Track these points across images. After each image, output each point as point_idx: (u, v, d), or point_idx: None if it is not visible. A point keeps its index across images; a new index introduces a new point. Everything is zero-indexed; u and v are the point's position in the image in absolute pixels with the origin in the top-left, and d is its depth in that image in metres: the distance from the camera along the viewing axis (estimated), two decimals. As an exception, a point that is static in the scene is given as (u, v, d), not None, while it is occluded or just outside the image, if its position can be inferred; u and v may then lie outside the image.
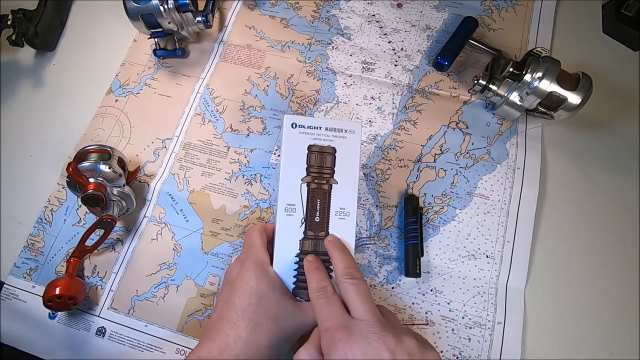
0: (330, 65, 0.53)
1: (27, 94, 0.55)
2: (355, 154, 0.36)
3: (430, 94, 0.51)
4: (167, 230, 0.47)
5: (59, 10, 0.59)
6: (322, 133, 0.36)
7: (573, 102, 0.43)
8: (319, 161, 0.36)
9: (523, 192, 0.46)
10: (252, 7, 0.57)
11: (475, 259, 0.43)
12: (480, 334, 0.41)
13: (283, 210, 0.36)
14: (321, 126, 0.36)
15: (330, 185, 0.36)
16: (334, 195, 0.36)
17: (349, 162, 0.36)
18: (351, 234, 0.36)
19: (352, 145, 0.36)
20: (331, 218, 0.36)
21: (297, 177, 0.36)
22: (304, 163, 0.36)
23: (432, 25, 0.54)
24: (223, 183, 0.48)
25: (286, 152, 0.36)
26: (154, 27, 0.49)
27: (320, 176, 0.36)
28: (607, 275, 0.43)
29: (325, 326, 0.31)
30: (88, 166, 0.42)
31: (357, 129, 0.37)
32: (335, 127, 0.36)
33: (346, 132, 0.36)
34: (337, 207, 0.36)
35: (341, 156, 0.36)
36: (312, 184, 0.36)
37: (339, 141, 0.36)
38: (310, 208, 0.36)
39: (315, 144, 0.36)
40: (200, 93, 0.53)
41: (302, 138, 0.36)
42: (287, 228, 0.36)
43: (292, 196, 0.36)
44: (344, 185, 0.36)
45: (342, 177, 0.36)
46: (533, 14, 0.54)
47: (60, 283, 0.41)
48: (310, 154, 0.36)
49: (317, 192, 0.36)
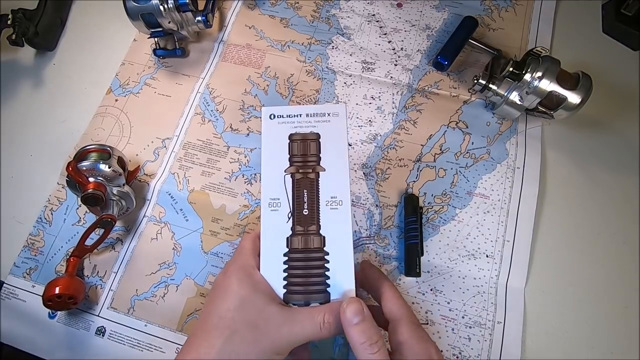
0: (330, 65, 0.53)
1: (27, 93, 0.55)
2: (342, 137, 0.33)
3: (430, 93, 0.51)
4: (166, 229, 0.47)
5: (59, 10, 0.59)
6: (304, 120, 0.33)
7: (573, 101, 0.43)
8: (302, 149, 0.33)
9: (523, 192, 0.45)
10: (252, 6, 0.57)
11: (475, 258, 0.43)
12: (480, 333, 0.41)
13: (267, 206, 0.32)
14: (301, 113, 0.33)
15: (317, 173, 0.32)
16: (322, 184, 0.32)
17: (336, 147, 0.33)
18: (346, 224, 0.31)
19: (337, 128, 0.33)
20: (321, 209, 0.32)
21: (279, 169, 0.33)
22: (286, 154, 0.33)
23: (432, 25, 0.54)
24: (223, 182, 0.48)
25: (266, 146, 0.33)
26: (154, 26, 0.49)
27: (305, 165, 0.32)
28: (607, 275, 0.43)
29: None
30: (88, 165, 0.42)
31: (340, 111, 0.33)
32: (317, 112, 0.33)
33: (329, 115, 0.33)
34: (327, 196, 0.32)
35: (326, 141, 0.33)
36: (296, 175, 0.32)
37: (322, 126, 0.33)
38: (297, 200, 0.32)
39: (296, 132, 0.33)
40: (200, 92, 0.53)
41: (282, 128, 0.33)
42: (272, 225, 0.32)
43: (276, 190, 0.32)
44: (333, 172, 0.32)
45: (330, 163, 0.32)
46: (533, 14, 0.54)
47: (60, 282, 0.41)
48: (292, 143, 0.33)
49: (303, 183, 0.32)
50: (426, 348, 0.29)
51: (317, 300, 0.31)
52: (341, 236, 0.31)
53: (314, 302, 0.31)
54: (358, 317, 0.28)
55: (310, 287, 0.31)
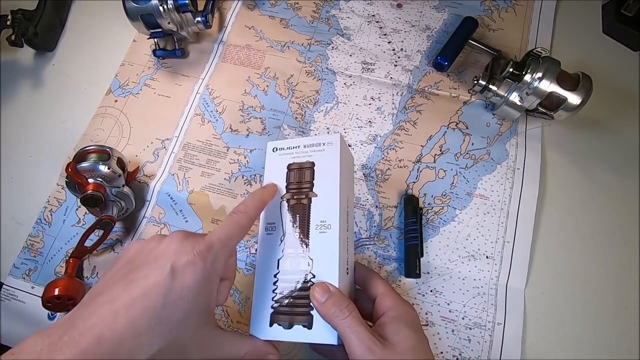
0: (330, 66, 0.53)
1: (26, 94, 0.55)
2: (334, 165, 0.34)
3: (430, 94, 0.51)
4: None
5: (59, 10, 0.59)
6: (301, 151, 0.36)
7: (573, 102, 0.43)
8: (298, 177, 0.35)
9: (523, 193, 0.45)
10: (252, 7, 0.57)
11: (475, 259, 0.43)
12: (480, 334, 0.41)
13: (264, 230, 0.34)
14: (299, 145, 0.36)
15: (310, 199, 0.34)
16: (313, 209, 0.33)
17: (328, 174, 0.34)
18: (334, 248, 0.32)
19: (331, 156, 0.35)
20: (311, 233, 0.33)
21: (277, 196, 0.35)
22: (284, 182, 0.35)
23: (431, 25, 0.54)
24: (222, 183, 0.48)
25: (268, 176, 0.36)
26: (154, 27, 0.49)
27: (299, 191, 0.34)
28: (607, 275, 0.43)
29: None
30: (87, 166, 0.42)
31: (335, 140, 0.35)
32: (313, 143, 0.36)
33: (324, 145, 0.35)
34: (317, 220, 0.33)
35: (320, 168, 0.35)
36: (291, 200, 0.34)
37: (317, 155, 0.35)
38: (291, 224, 0.34)
39: (294, 162, 0.35)
40: (199, 93, 0.53)
41: (282, 159, 0.36)
42: (267, 248, 0.34)
43: (272, 215, 0.34)
44: (324, 197, 0.34)
45: (322, 189, 0.34)
46: (533, 14, 0.54)
47: (60, 284, 0.41)
48: (289, 172, 0.35)
49: (296, 208, 0.34)
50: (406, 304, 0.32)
51: (301, 322, 0.31)
52: (328, 259, 0.32)
53: (297, 323, 0.31)
54: (325, 295, 0.29)
55: (295, 309, 0.31)
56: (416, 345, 0.29)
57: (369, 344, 0.28)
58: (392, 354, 0.28)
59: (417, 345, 0.29)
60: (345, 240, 0.33)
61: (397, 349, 0.28)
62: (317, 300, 0.29)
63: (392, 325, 0.30)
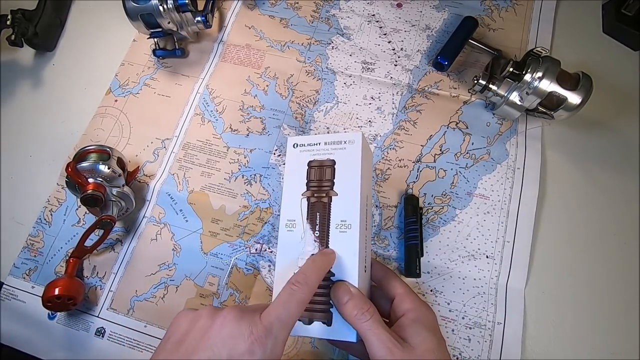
0: (330, 65, 0.53)
1: (26, 94, 0.55)
2: (355, 164, 0.34)
3: (430, 94, 0.51)
4: (166, 230, 0.46)
5: (59, 10, 0.59)
6: (322, 148, 0.35)
7: (573, 102, 0.42)
8: (318, 175, 0.35)
9: (523, 192, 0.45)
10: (252, 7, 0.57)
11: (475, 259, 0.43)
12: (480, 334, 0.41)
13: (284, 226, 0.34)
14: (320, 142, 0.36)
15: (330, 197, 0.34)
16: (334, 208, 0.34)
17: (349, 173, 0.34)
18: (354, 248, 0.32)
19: (352, 155, 0.34)
20: (331, 232, 0.33)
21: (298, 193, 0.35)
22: (304, 179, 0.35)
23: (432, 25, 0.54)
24: (222, 183, 0.48)
25: (288, 172, 0.36)
26: (154, 27, 0.49)
27: (319, 190, 0.34)
28: (607, 275, 0.43)
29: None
30: (87, 166, 0.42)
31: (357, 139, 0.35)
32: (335, 140, 0.35)
33: (345, 143, 0.35)
34: (337, 219, 0.33)
35: (341, 167, 0.35)
36: (311, 198, 0.34)
37: (338, 153, 0.35)
38: (310, 222, 0.34)
39: (314, 159, 0.35)
40: (199, 93, 0.53)
41: (303, 156, 0.36)
42: (287, 244, 0.34)
43: (293, 212, 0.34)
44: (345, 197, 0.34)
45: (343, 188, 0.34)
46: (533, 14, 0.54)
47: (60, 283, 0.41)
48: (310, 169, 0.35)
49: (317, 206, 0.34)
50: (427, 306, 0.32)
51: (320, 319, 0.31)
52: (348, 258, 0.32)
53: (317, 320, 0.31)
54: (347, 297, 0.30)
55: (315, 306, 0.32)
56: (435, 347, 0.30)
57: (390, 345, 0.28)
58: (411, 355, 0.29)
59: (436, 347, 0.30)
60: (364, 239, 0.34)
61: (417, 351, 0.29)
62: (339, 301, 0.30)
63: (412, 328, 0.30)
